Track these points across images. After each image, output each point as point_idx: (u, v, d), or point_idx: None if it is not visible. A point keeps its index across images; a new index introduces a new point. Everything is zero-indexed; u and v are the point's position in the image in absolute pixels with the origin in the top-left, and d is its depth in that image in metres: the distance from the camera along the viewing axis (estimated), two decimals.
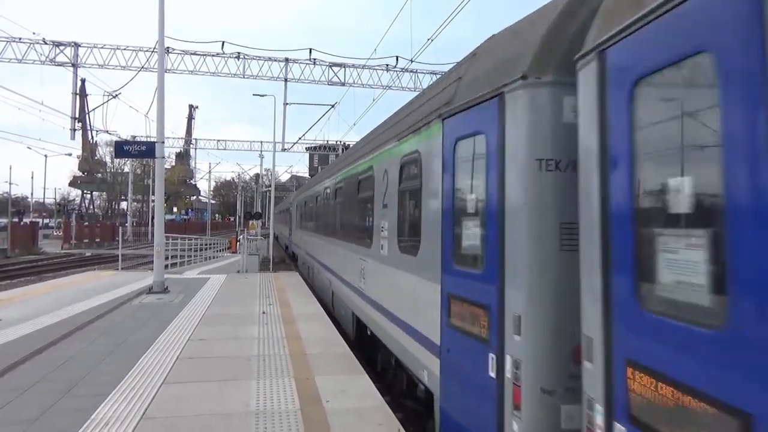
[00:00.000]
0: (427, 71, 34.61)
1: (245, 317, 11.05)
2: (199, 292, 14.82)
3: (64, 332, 9.26)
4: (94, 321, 10.43)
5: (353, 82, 34.75)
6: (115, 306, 12.16)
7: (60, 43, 32.27)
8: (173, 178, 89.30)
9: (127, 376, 6.86)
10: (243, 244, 23.58)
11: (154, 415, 5.61)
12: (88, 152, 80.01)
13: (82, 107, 44.36)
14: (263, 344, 8.74)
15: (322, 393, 6.36)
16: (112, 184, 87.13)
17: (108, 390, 6.32)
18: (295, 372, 7.22)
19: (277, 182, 64.43)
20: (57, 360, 7.64)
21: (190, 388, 6.51)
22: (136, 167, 74.04)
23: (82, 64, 32.75)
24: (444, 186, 5.21)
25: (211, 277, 18.59)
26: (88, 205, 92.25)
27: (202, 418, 5.55)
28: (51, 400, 5.97)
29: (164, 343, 8.73)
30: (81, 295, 13.61)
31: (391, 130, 8.04)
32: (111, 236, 53.16)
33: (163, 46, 15.59)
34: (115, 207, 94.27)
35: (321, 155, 59.44)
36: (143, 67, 31.33)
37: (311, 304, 13.16)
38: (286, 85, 33.58)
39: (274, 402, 6.02)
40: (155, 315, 11.21)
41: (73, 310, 11.43)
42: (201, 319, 10.77)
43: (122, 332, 9.49)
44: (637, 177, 2.84)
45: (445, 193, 5.18)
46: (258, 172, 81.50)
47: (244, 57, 33.67)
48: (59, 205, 79.25)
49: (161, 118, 15.07)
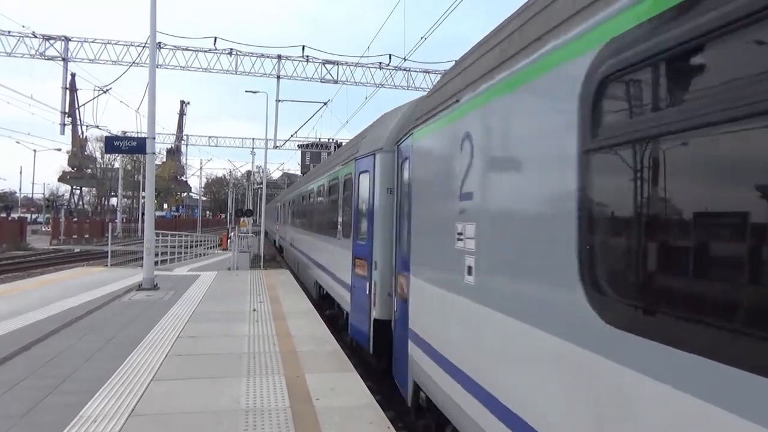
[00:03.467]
0: (420, 69, 34.67)
1: (236, 314, 11.02)
2: (189, 289, 14.75)
3: (52, 328, 9.19)
4: (83, 317, 10.36)
5: (346, 80, 34.72)
6: (104, 303, 12.08)
7: (50, 37, 31.96)
8: (164, 174, 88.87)
9: (115, 373, 6.82)
10: (234, 242, 23.49)
11: (142, 412, 5.58)
12: (77, 147, 79.52)
13: (72, 102, 44.06)
14: (253, 341, 8.72)
15: (312, 391, 6.35)
16: (102, 180, 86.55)
17: (96, 386, 6.28)
18: (285, 369, 7.20)
19: (268, 179, 64.25)
20: (45, 356, 7.58)
21: (180, 385, 6.48)
22: (127, 163, 73.55)
23: (73, 59, 32.48)
24: (355, 197, 9.81)
25: (202, 275, 18.51)
26: (78, 200, 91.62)
27: (191, 415, 5.53)
28: (39, 396, 5.92)
29: (154, 340, 8.68)
30: (69, 292, 13.51)
31: (325, 167, 14.74)
32: (100, 232, 52.73)
33: (155, 41, 15.48)
34: (104, 203, 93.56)
35: (313, 153, 59.35)
36: (134, 62, 31.16)
37: (302, 301, 13.14)
38: (278, 82, 33.47)
39: (264, 399, 6.01)
40: (145, 312, 11.15)
41: (62, 307, 11.34)
42: (191, 316, 10.72)
43: (111, 329, 9.43)
44: (408, 198, 6.59)
45: (355, 201, 9.79)
46: (250, 169, 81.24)
47: (236, 53, 33.53)
48: (48, 201, 78.69)
49: (152, 114, 14.98)
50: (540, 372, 3.19)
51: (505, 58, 3.82)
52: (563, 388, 2.95)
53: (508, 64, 3.73)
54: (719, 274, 2.12)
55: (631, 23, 2.40)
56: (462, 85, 4.78)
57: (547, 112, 3.23)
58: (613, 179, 2.63)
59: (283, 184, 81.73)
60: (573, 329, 2.81)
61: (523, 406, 3.35)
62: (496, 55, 4.07)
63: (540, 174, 3.27)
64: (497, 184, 4.01)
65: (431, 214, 5.63)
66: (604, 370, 2.56)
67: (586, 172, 2.71)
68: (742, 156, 1.96)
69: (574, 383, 2.84)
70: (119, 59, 32.41)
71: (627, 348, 2.39)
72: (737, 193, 2.00)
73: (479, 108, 4.31)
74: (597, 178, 2.69)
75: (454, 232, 4.63)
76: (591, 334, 2.64)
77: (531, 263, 3.32)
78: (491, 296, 3.92)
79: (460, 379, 4.41)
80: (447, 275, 4.90)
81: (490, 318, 3.86)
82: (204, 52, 33.13)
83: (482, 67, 4.32)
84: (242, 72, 34.12)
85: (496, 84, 3.92)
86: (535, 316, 3.22)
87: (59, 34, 32.29)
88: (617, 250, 2.64)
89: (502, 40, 4.10)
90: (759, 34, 1.80)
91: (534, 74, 3.36)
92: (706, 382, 1.97)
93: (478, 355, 4.17)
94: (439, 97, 5.71)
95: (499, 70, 3.88)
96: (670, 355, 2.14)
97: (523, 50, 3.52)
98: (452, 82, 5.25)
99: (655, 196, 2.36)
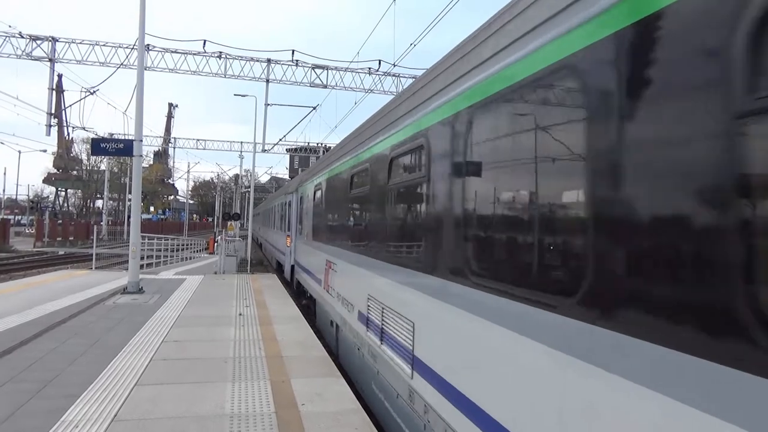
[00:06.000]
0: (410, 76, 34.77)
1: (221, 319, 10.95)
2: (174, 292, 14.64)
3: (34, 332, 9.07)
4: (66, 321, 10.24)
5: (335, 85, 34.71)
6: (88, 306, 11.95)
7: (37, 37, 31.64)
8: (151, 176, 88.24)
9: (98, 378, 6.75)
10: (221, 245, 23.35)
11: (125, 417, 5.53)
12: (63, 149, 78.59)
13: (58, 103, 43.54)
14: (239, 346, 8.68)
15: (297, 396, 6.33)
16: (88, 182, 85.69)
17: (79, 391, 6.21)
18: (271, 374, 7.17)
19: (257, 183, 64.02)
20: (27, 360, 7.48)
21: (164, 390, 6.43)
22: (113, 165, 72.97)
23: (60, 60, 32.12)
24: (295, 211, 17.51)
25: (188, 278, 18.38)
26: (63, 202, 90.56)
27: (175, 420, 5.48)
28: (20, 401, 5.85)
29: (138, 344, 8.61)
30: (53, 295, 13.35)
31: (278, 196, 28.57)
32: (85, 235, 52.13)
33: (144, 43, 15.41)
34: (90, 205, 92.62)
35: (301, 157, 59.24)
36: (122, 64, 30.94)
37: (289, 306, 13.09)
38: (267, 85, 33.37)
39: (249, 405, 5.97)
40: (129, 315, 11.05)
41: (45, 310, 11.20)
42: (176, 321, 10.64)
43: (95, 333, 9.33)
44: (301, 213, 15.64)
45: (296, 212, 17.03)
46: (238, 173, 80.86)
47: (225, 56, 33.40)
48: (32, 202, 77.65)
49: (140, 116, 14.89)
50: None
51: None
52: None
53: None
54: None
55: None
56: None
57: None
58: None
59: (272, 188, 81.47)
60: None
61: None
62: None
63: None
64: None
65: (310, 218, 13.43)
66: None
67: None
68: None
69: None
70: (107, 61, 32.16)
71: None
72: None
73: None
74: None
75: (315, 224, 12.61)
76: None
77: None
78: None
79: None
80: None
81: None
82: (193, 54, 32.99)
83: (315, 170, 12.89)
84: (231, 75, 33.99)
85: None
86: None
87: (47, 34, 32.01)
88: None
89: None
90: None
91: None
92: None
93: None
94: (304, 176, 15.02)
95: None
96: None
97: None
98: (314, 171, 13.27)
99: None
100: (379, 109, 7.45)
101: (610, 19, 2.45)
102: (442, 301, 4.24)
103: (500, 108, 3.45)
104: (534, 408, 2.93)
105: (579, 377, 2.58)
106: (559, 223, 2.89)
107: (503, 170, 3.44)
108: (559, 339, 2.71)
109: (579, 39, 2.66)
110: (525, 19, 3.24)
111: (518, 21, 3.33)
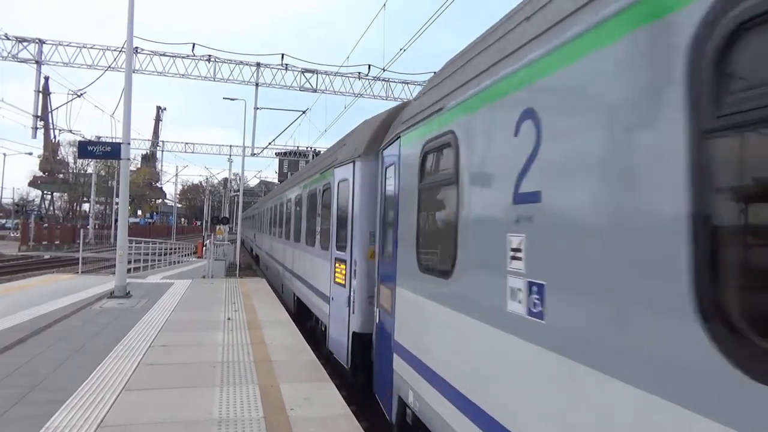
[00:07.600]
0: (399, 80, 34.87)
1: (210, 323, 10.87)
2: (162, 297, 14.51)
3: (19, 337, 8.94)
4: (52, 326, 10.11)
5: (325, 89, 34.75)
6: (74, 310, 11.81)
7: (24, 39, 31.36)
8: (138, 180, 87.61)
9: (84, 383, 6.66)
10: (209, 249, 23.22)
11: (112, 422, 5.46)
12: (49, 152, 77.87)
13: (45, 105, 43.22)
14: (228, 351, 8.61)
15: (286, 401, 6.29)
16: (75, 185, 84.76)
17: (64, 397, 6.12)
18: (259, 379, 7.13)
19: (246, 187, 63.72)
20: (11, 365, 7.36)
21: (151, 395, 6.36)
22: (100, 168, 72.27)
23: (47, 62, 31.89)
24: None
25: (176, 282, 18.23)
26: (49, 206, 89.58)
27: (162, 426, 5.43)
28: (3, 407, 5.75)
29: (125, 349, 8.51)
30: (38, 299, 13.17)
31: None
32: (71, 238, 51.59)
33: (132, 45, 15.28)
34: (76, 209, 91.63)
35: (291, 161, 59.11)
36: (110, 67, 30.77)
37: (277, 310, 13.03)
38: (257, 89, 33.35)
39: (237, 410, 5.93)
40: (116, 320, 10.93)
41: (30, 314, 11.05)
42: (164, 325, 10.54)
43: (81, 337, 9.22)
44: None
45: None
46: (226, 177, 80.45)
47: (215, 60, 33.32)
48: (17, 206, 76.76)
49: (128, 119, 14.76)
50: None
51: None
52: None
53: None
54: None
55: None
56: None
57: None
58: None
59: (261, 192, 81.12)
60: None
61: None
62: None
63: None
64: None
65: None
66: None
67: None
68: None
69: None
70: (95, 63, 31.96)
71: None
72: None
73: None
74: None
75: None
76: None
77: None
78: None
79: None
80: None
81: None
82: (182, 57, 32.89)
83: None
84: (220, 79, 33.93)
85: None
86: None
87: (33, 36, 31.70)
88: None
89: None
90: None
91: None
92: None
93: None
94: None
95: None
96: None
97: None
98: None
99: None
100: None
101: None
102: None
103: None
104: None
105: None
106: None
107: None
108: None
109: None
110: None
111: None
